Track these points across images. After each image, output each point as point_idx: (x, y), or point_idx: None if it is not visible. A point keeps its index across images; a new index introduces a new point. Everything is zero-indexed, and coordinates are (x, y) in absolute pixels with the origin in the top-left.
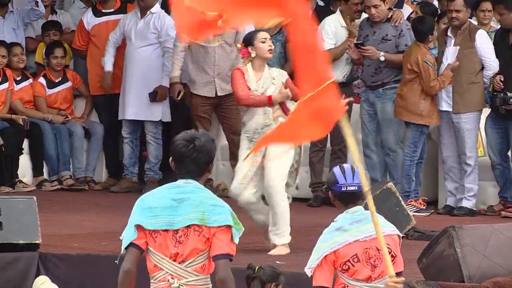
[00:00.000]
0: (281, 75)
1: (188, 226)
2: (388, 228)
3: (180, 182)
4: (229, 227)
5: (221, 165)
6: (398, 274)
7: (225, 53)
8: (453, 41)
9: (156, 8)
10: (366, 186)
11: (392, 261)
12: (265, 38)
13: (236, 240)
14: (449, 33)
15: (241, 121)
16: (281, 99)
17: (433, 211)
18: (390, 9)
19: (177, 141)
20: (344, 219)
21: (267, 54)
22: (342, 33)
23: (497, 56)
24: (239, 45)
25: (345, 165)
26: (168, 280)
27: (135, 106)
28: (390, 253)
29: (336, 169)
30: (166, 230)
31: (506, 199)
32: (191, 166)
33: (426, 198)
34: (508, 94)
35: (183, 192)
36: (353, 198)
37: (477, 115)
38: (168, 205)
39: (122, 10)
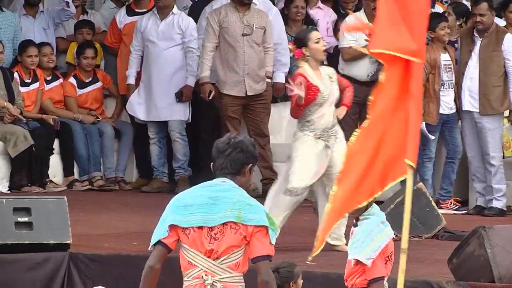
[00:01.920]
0: (333, 72)
1: (225, 224)
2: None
3: (216, 180)
4: (265, 227)
5: None
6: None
7: (254, 52)
8: (479, 42)
9: (176, 8)
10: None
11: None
12: (319, 38)
13: (273, 241)
14: (475, 33)
15: (304, 119)
16: (301, 100)
17: (466, 211)
18: None
19: (218, 141)
20: (379, 213)
21: (322, 55)
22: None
23: None
24: (290, 46)
25: None
26: (202, 276)
27: (162, 107)
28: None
29: None
30: (201, 227)
31: None
32: (225, 163)
33: (458, 199)
34: None
35: (219, 191)
36: None
37: (500, 115)
38: (204, 202)
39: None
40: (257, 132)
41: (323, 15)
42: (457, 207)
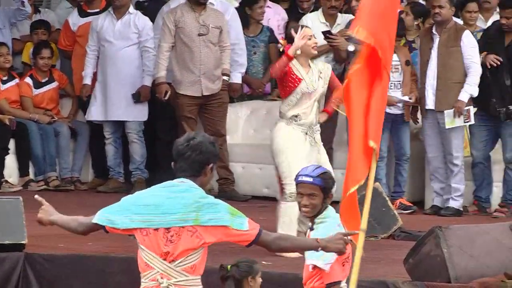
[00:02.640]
0: (327, 68)
1: (181, 227)
2: None
3: (175, 181)
4: (225, 227)
5: None
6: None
7: (210, 52)
8: (438, 39)
9: (132, 8)
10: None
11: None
12: (311, 36)
13: (246, 227)
14: (433, 31)
15: (289, 113)
16: (293, 52)
17: (412, 210)
18: None
19: (177, 141)
20: (334, 218)
21: (312, 51)
22: (321, 29)
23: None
24: (282, 42)
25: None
26: (158, 279)
27: (119, 107)
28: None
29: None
30: (156, 229)
31: (480, 199)
32: (184, 164)
33: (404, 200)
34: (511, 108)
35: (178, 191)
36: None
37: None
38: (161, 203)
39: (106, 9)
40: (214, 132)
41: (273, 13)
42: (404, 206)
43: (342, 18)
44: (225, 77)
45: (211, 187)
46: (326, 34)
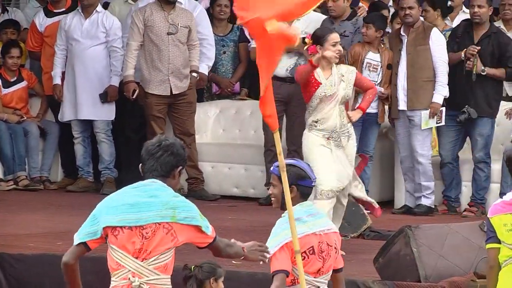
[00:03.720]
0: (350, 71)
1: (158, 223)
2: (334, 225)
3: (146, 181)
4: (199, 227)
5: None
6: (340, 270)
7: (179, 51)
8: (406, 39)
9: (100, 7)
10: None
11: (336, 257)
12: (336, 42)
13: (210, 231)
14: (402, 32)
15: (311, 118)
16: (317, 61)
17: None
18: (353, 9)
19: (148, 142)
20: (299, 211)
21: (334, 59)
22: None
23: (460, 51)
24: (307, 40)
25: (300, 160)
26: (129, 278)
27: (87, 106)
28: (336, 249)
29: (303, 164)
30: (130, 228)
31: (449, 199)
32: (155, 165)
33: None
34: (469, 111)
35: (151, 190)
36: (310, 193)
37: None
38: (136, 202)
39: (73, 9)
40: (183, 131)
41: None
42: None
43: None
44: (194, 74)
45: (181, 187)
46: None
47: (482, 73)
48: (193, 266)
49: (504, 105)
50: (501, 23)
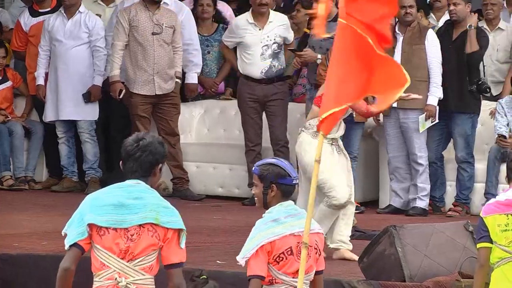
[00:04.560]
0: None
1: (142, 225)
2: (316, 226)
3: (130, 182)
4: (180, 230)
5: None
6: (321, 272)
7: (164, 51)
8: (401, 38)
9: (83, 7)
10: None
11: (318, 258)
12: None
13: (183, 245)
14: (397, 30)
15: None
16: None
17: (359, 211)
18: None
19: (126, 141)
20: (279, 211)
21: None
22: (250, 29)
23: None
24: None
25: (281, 159)
26: (116, 278)
27: (70, 106)
28: (317, 250)
29: (283, 163)
30: (115, 229)
31: (434, 198)
32: (134, 165)
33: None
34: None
35: (136, 192)
36: (292, 192)
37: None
38: (121, 203)
39: (58, 9)
40: (167, 131)
41: (226, 8)
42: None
43: (275, 16)
44: (177, 80)
45: (165, 187)
46: (294, 51)
47: (468, 28)
48: (203, 277)
49: (488, 105)
50: (484, 23)
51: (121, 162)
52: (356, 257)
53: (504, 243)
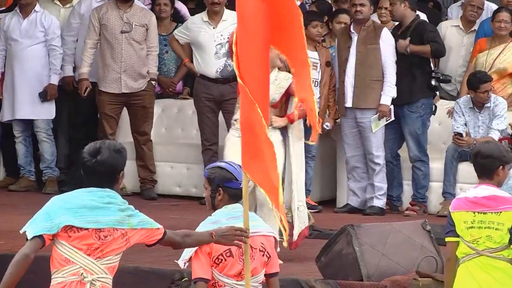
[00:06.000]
0: (286, 78)
1: (115, 228)
2: (264, 229)
3: (96, 189)
4: (151, 229)
5: None
6: (274, 275)
7: (133, 50)
8: (356, 37)
9: (38, 6)
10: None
11: (267, 261)
12: None
13: (158, 225)
14: (351, 29)
15: (234, 117)
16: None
17: (317, 210)
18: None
19: (83, 153)
20: (221, 213)
21: (277, 63)
22: (204, 27)
23: None
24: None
25: (231, 163)
26: (82, 274)
27: (26, 105)
28: (264, 252)
29: (232, 167)
30: (87, 229)
31: (391, 198)
32: (98, 179)
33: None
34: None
35: (106, 197)
36: (239, 195)
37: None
38: (95, 206)
39: (14, 7)
40: (137, 130)
41: (181, 6)
42: (309, 206)
43: (230, 14)
44: (152, 82)
45: (123, 186)
46: None
47: (406, 53)
48: (185, 279)
49: (445, 104)
50: (459, 22)
51: (82, 172)
52: None
53: (469, 240)
